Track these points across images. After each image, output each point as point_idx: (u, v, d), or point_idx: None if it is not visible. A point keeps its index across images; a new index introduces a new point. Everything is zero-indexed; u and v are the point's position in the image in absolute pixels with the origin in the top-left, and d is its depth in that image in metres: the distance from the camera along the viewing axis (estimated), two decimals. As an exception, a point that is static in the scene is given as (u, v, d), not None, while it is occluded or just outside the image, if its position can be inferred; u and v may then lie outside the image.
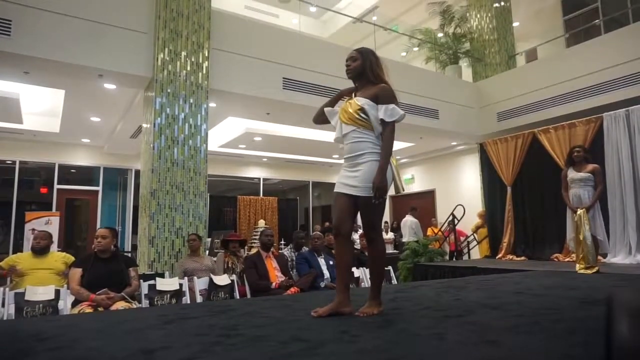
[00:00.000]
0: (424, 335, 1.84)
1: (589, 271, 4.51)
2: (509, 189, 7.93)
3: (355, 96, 2.43)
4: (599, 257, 5.05)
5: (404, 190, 2.65)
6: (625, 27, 7.50)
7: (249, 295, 4.40)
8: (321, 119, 2.61)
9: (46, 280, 3.87)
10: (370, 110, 2.30)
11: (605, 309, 1.12)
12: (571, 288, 3.37)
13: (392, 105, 2.29)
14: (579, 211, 4.68)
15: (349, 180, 2.31)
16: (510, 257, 7.57)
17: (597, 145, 6.56)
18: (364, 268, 5.07)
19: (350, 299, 2.33)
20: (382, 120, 2.29)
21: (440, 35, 10.37)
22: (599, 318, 2.16)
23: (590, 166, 4.87)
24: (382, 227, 10.46)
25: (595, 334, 1.80)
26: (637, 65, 6.80)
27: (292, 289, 4.36)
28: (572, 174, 4.90)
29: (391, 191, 2.43)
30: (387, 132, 2.30)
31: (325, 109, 2.58)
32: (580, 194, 4.79)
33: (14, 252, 7.21)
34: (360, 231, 9.81)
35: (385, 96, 2.32)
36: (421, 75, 8.93)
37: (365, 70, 2.41)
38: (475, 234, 9.11)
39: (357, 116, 2.31)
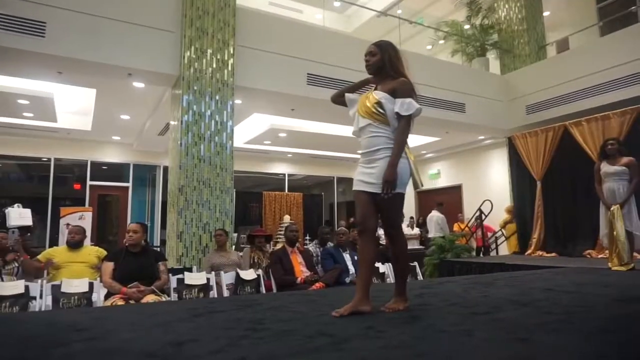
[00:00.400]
0: (450, 332, 1.82)
1: (623, 268, 4.35)
2: (538, 184, 7.74)
3: (374, 90, 2.40)
4: (635, 254, 4.86)
5: (422, 185, 2.55)
6: (663, 14, 7.17)
7: (274, 290, 4.44)
8: (339, 100, 2.58)
9: (80, 273, 4.01)
10: (387, 105, 2.27)
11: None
12: (604, 285, 3.26)
13: (408, 100, 2.26)
14: (613, 207, 4.51)
15: (365, 177, 2.29)
16: (540, 253, 7.39)
17: (633, 138, 6.31)
18: (389, 264, 5.04)
19: (369, 297, 2.27)
20: (397, 113, 2.26)
21: (467, 27, 10.15)
22: (634, 317, 2.09)
23: (625, 159, 4.66)
24: (409, 222, 10.39)
25: (631, 333, 1.74)
26: (677, 54, 6.50)
27: (317, 284, 4.38)
28: (605, 167, 4.71)
29: (411, 186, 2.36)
30: (401, 125, 2.27)
31: (346, 95, 2.53)
32: (615, 188, 4.60)
33: (50, 246, 7.49)
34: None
35: (403, 90, 2.28)
36: (447, 68, 8.77)
37: (385, 65, 2.38)
38: (503, 230, 8.93)
39: (374, 110, 2.29)
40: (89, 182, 9.94)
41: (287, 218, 10.56)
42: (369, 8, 10.11)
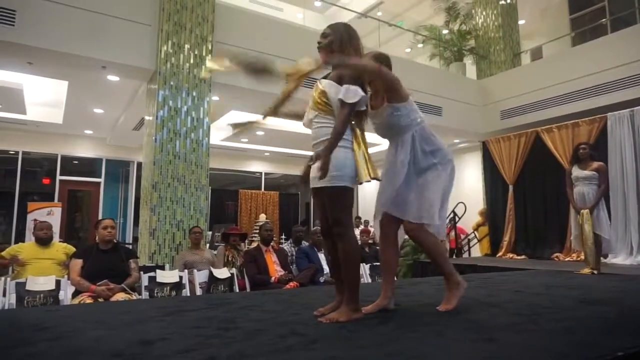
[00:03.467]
0: (421, 332, 1.85)
1: (588, 271, 4.48)
2: (510, 188, 7.92)
3: (324, 77, 2.23)
4: (601, 258, 5.00)
5: (369, 180, 2.41)
6: (631, 26, 7.44)
7: (248, 289, 4.41)
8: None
9: (47, 270, 3.89)
10: (331, 94, 2.10)
11: None
12: (570, 287, 3.36)
13: (354, 87, 2.06)
14: (582, 211, 4.61)
15: (314, 172, 2.12)
16: (511, 255, 7.57)
17: (601, 146, 6.52)
18: (364, 264, 5.07)
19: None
20: (339, 100, 2.06)
21: (445, 32, 10.32)
22: (597, 318, 2.16)
23: (596, 164, 4.76)
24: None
25: (593, 335, 1.80)
26: (643, 65, 6.75)
27: (292, 284, 4.37)
28: (576, 171, 4.80)
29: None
30: (340, 113, 2.06)
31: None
32: (585, 192, 4.69)
33: (16, 242, 7.24)
34: (362, 227, 9.84)
35: (350, 76, 2.09)
36: (425, 72, 8.88)
37: (333, 49, 2.17)
38: (475, 232, 9.10)
39: (319, 101, 2.15)
40: (58, 177, 9.65)
41: (262, 217, 10.50)
42: (349, 9, 10.14)
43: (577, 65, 7.65)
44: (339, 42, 2.18)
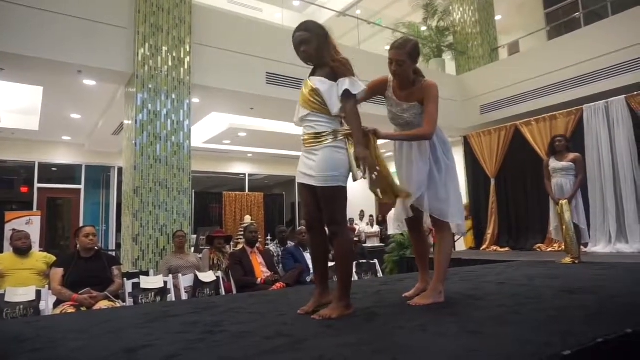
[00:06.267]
0: (407, 328, 1.86)
1: (569, 260, 4.57)
2: (492, 181, 8.03)
3: (310, 76, 2.24)
4: (581, 247, 5.11)
5: (361, 177, 2.48)
6: (604, 19, 7.61)
7: (234, 292, 4.38)
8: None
9: (27, 280, 3.81)
10: (325, 92, 2.10)
11: None
12: (552, 277, 3.43)
13: (354, 78, 2.12)
14: (561, 201, 4.70)
15: (306, 169, 2.15)
16: (494, 248, 7.68)
17: (578, 137, 6.67)
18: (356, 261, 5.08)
19: (328, 288, 2.26)
20: (346, 91, 2.08)
21: (423, 28, 10.40)
22: (578, 306, 2.21)
23: (572, 155, 4.88)
24: (369, 220, 10.49)
25: (574, 323, 1.83)
26: (616, 58, 6.91)
27: (278, 285, 4.36)
28: (553, 163, 4.91)
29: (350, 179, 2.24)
30: (350, 107, 2.10)
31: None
32: (562, 183, 4.80)
33: (-6, 253, 7.04)
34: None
35: (346, 69, 2.14)
36: (405, 68, 8.92)
37: (321, 53, 2.20)
38: (460, 226, 9.19)
39: (310, 99, 2.14)
40: (36, 185, 9.44)
41: (247, 218, 10.44)
42: (328, 8, 10.15)
43: (553, 59, 7.79)
44: (326, 47, 2.20)
